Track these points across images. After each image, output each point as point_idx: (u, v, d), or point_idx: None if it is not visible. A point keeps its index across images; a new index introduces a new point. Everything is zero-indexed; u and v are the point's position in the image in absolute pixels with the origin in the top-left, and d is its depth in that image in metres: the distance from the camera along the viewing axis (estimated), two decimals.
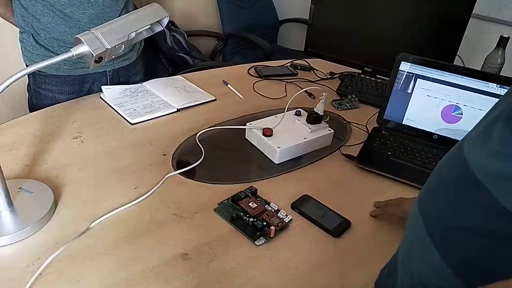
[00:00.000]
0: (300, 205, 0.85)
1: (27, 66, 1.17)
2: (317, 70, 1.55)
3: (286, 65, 1.57)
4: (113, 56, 0.78)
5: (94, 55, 0.72)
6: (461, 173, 0.45)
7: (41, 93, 1.23)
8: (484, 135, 0.45)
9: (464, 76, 1.04)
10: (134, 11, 0.82)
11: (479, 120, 0.64)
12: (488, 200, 0.40)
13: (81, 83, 1.24)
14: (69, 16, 1.11)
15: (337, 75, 1.50)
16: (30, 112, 1.25)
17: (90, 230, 0.75)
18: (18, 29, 1.19)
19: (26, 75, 0.73)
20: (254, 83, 1.40)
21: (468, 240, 0.43)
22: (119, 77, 1.31)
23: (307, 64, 1.58)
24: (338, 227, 0.80)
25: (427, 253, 0.46)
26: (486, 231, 0.41)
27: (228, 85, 1.36)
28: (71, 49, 0.73)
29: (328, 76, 1.51)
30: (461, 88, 1.05)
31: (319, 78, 1.50)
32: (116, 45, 0.75)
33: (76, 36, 0.73)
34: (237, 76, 1.45)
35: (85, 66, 0.77)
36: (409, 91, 1.10)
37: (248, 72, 1.49)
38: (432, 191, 0.50)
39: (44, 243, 0.71)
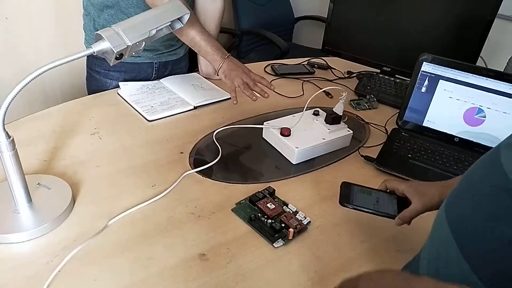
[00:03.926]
0: (348, 198, 0.74)
1: (86, 48, 1.17)
2: (334, 69, 1.53)
3: (303, 63, 1.55)
4: (133, 53, 0.77)
5: (115, 51, 0.71)
6: (497, 182, 0.43)
7: (91, 74, 1.30)
8: None
9: (488, 78, 1.01)
10: (155, 7, 0.81)
11: None
12: None
13: (127, 71, 1.26)
14: (129, 17, 1.12)
15: (355, 74, 1.48)
16: (88, 91, 1.32)
17: (107, 227, 0.74)
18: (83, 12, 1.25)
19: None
20: (271, 82, 1.38)
21: (502, 251, 0.41)
22: (165, 71, 1.34)
23: (325, 62, 1.55)
24: (400, 208, 0.72)
25: (456, 263, 0.44)
26: None
27: None
28: (91, 45, 0.72)
29: (346, 75, 1.49)
30: (485, 90, 1.02)
31: (337, 77, 1.47)
32: (137, 42, 0.75)
33: (97, 32, 0.72)
34: None
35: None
36: (431, 92, 1.08)
37: (265, 70, 1.47)
38: (462, 199, 0.48)
39: (63, 240, 0.71)
